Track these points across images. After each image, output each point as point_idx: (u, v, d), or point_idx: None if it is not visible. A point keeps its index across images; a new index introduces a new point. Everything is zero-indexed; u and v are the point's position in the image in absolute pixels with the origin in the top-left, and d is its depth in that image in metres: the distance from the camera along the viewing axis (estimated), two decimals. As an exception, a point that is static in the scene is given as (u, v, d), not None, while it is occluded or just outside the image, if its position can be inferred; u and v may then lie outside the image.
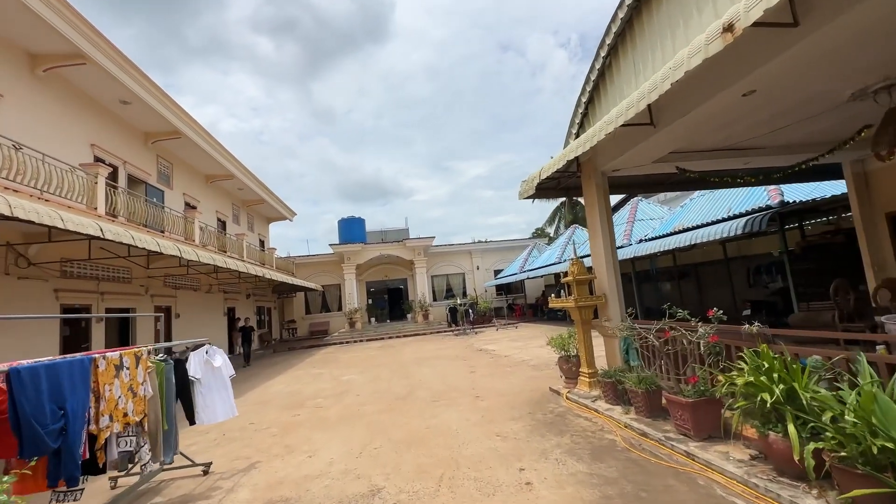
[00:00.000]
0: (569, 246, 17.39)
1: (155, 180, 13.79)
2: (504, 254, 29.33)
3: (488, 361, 10.61)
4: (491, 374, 8.77)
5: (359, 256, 24.57)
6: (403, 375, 9.71)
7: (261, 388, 9.91)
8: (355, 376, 10.34)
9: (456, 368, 9.98)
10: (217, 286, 17.24)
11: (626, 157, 5.81)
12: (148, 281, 12.72)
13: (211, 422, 4.58)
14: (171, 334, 13.83)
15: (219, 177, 17.51)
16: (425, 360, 12.03)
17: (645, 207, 15.42)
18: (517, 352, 11.74)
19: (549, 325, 18.66)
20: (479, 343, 14.91)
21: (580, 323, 6.18)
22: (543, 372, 8.53)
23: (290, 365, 14.15)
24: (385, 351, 15.45)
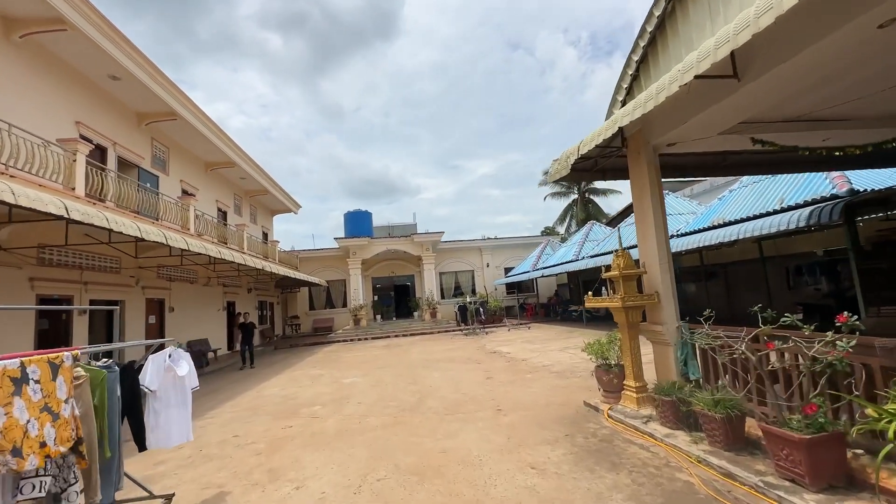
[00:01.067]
0: (607, 238, 16.31)
1: (149, 164, 12.94)
2: (515, 251, 28.27)
3: (504, 366, 9.61)
4: (510, 382, 7.77)
5: (365, 251, 23.66)
6: (411, 380, 8.75)
7: (254, 392, 9.01)
8: (358, 379, 9.39)
9: (469, 373, 9.00)
10: (216, 279, 16.42)
11: (687, 126, 4.77)
12: (139, 272, 11.88)
13: (161, 446, 3.63)
14: (165, 329, 13.01)
15: (219, 164, 16.66)
16: (435, 362, 11.06)
17: (672, 202, 14.29)
18: (535, 355, 10.72)
19: (563, 327, 17.62)
20: (492, 344, 13.92)
21: (626, 327, 5.16)
22: (570, 381, 7.51)
23: (289, 364, 13.26)
24: (391, 351, 14.51)
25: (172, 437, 3.65)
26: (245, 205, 20.73)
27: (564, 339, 13.44)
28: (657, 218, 5.22)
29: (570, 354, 10.35)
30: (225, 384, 10.37)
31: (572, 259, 17.73)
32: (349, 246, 23.34)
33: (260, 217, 22.86)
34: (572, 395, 6.45)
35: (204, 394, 9.20)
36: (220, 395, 8.91)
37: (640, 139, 5.33)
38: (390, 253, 25.26)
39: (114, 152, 11.34)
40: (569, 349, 11.23)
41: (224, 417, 6.88)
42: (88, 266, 9.98)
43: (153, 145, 13.21)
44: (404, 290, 27.96)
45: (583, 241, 18.74)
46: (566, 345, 12.19)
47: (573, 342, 12.58)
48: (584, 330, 15.63)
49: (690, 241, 10.55)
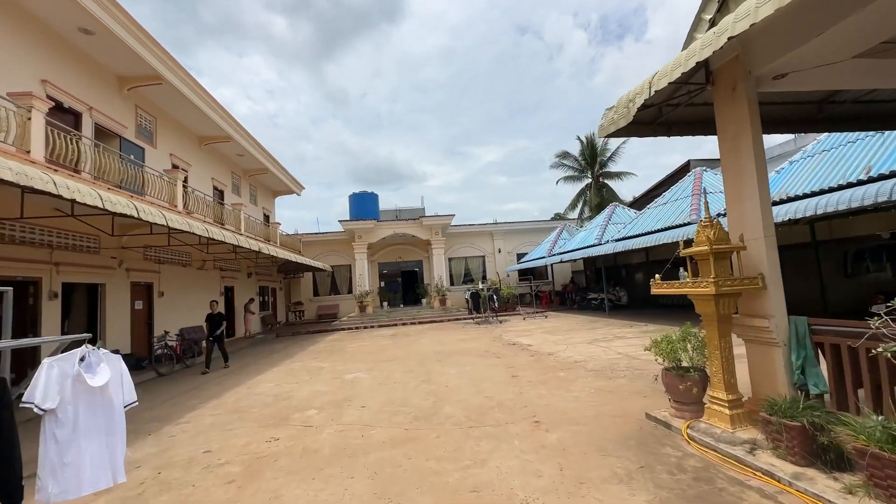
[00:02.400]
0: (635, 219, 14.92)
1: (133, 135, 11.73)
2: (528, 236, 26.92)
3: (529, 360, 8.41)
4: (541, 382, 6.55)
5: (371, 235, 22.46)
6: (423, 377, 7.58)
7: (245, 387, 7.90)
8: (362, 374, 8.25)
9: (490, 370, 7.80)
10: (212, 262, 15.33)
11: (812, 46, 3.41)
12: (122, 253, 10.78)
13: (70, 497, 2.44)
14: (153, 316, 11.96)
15: (214, 138, 15.42)
16: (448, 354, 9.89)
17: (713, 179, 12.84)
18: (561, 349, 9.50)
19: (583, 316, 16.36)
20: (509, 335, 12.72)
21: (715, 320, 3.88)
22: (614, 382, 6.28)
23: (289, 354, 12.19)
24: (399, 340, 13.38)
25: (85, 480, 2.47)
26: (244, 184, 19.54)
27: (589, 331, 12.19)
28: (760, 172, 3.88)
29: (603, 348, 9.11)
30: (214, 377, 9.30)
31: (594, 243, 16.38)
32: (354, 229, 22.15)
33: (261, 198, 21.70)
34: (625, 402, 5.22)
35: (188, 390, 8.13)
36: (205, 392, 7.82)
37: (737, 69, 3.96)
38: (398, 237, 24.04)
39: (90, 118, 10.13)
40: (599, 342, 9.98)
41: (202, 422, 5.76)
42: (60, 245, 8.87)
43: (137, 114, 11.98)
44: (412, 277, 26.81)
45: (605, 224, 17.35)
46: (592, 336, 10.95)
47: (600, 333, 11.33)
48: (608, 320, 14.38)
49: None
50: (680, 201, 12.66)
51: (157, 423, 5.92)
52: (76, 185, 5.94)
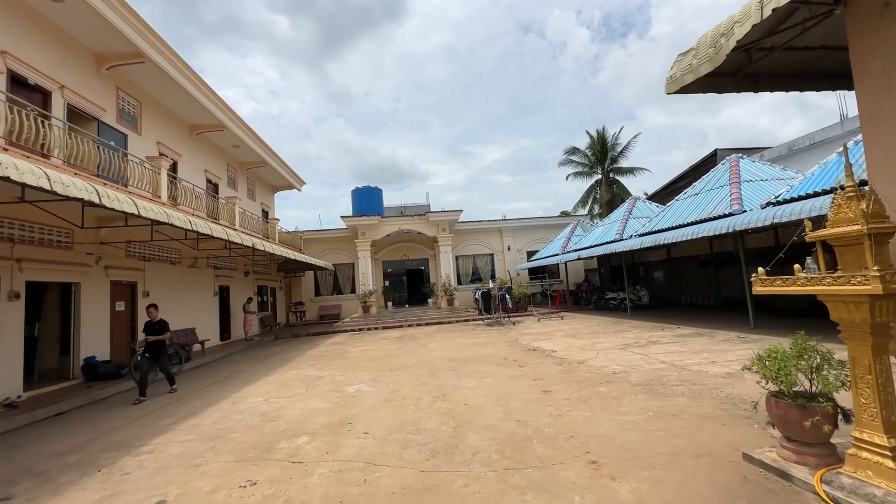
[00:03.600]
0: (663, 211, 13.73)
1: (113, 119, 10.68)
2: (538, 233, 25.77)
3: (557, 371, 7.27)
4: (581, 400, 5.42)
5: (375, 231, 21.36)
6: (437, 391, 6.46)
7: (228, 402, 6.82)
8: (365, 387, 7.15)
9: (514, 382, 6.68)
10: (205, 260, 14.29)
11: None
12: (100, 248, 9.73)
13: None
14: (136, 318, 10.92)
15: (206, 127, 14.37)
16: (462, 361, 8.77)
17: (751, 167, 11.65)
18: (590, 355, 8.36)
19: (603, 317, 15.18)
20: (526, 338, 11.58)
21: (868, 332, 2.72)
22: (671, 400, 5.13)
23: (285, 359, 11.11)
24: (406, 344, 12.28)
25: None
26: (241, 178, 18.50)
27: (615, 334, 11.03)
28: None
29: (640, 355, 7.96)
30: (198, 388, 8.23)
31: (615, 239, 15.20)
32: (358, 226, 21.06)
33: (259, 193, 20.66)
34: (702, 432, 4.07)
35: (167, 403, 7.05)
36: (184, 407, 6.74)
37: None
38: (403, 234, 22.94)
39: (61, 98, 9.08)
40: (632, 348, 8.83)
41: (168, 452, 4.67)
42: (24, 238, 7.83)
43: (119, 96, 10.93)
44: (418, 276, 25.72)
45: (626, 219, 16.17)
46: (622, 340, 9.79)
47: (629, 338, 10.17)
48: (633, 322, 13.20)
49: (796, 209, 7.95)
50: (715, 191, 11.47)
51: (115, 451, 4.84)
52: (25, 165, 4.87)
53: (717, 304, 15.64)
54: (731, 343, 8.50)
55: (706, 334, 9.77)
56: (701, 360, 7.20)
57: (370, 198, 23.52)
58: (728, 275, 15.48)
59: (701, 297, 16.96)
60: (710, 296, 16.39)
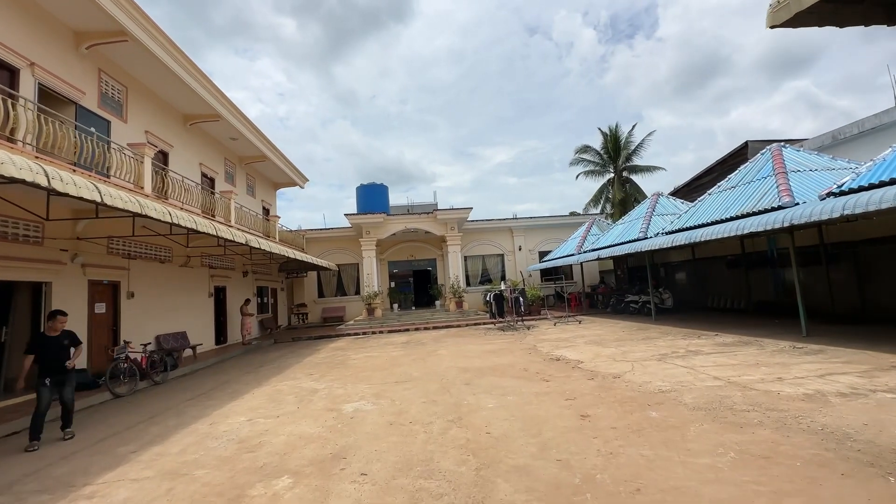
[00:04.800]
0: (695, 206, 12.59)
1: (94, 104, 9.79)
2: (551, 232, 24.65)
3: (591, 387, 6.19)
4: (632, 430, 4.33)
5: (380, 230, 20.37)
6: (451, 412, 5.42)
7: (206, 423, 5.82)
8: (367, 405, 6.12)
9: (543, 401, 5.61)
10: (199, 258, 13.39)
11: None
12: (76, 244, 8.83)
13: None
14: (119, 321, 10.00)
15: (200, 117, 13.48)
16: (477, 373, 7.71)
17: (796, 156, 10.48)
18: (624, 367, 7.26)
19: (625, 322, 14.03)
20: (545, 345, 10.49)
21: None
22: (751, 433, 4.03)
23: (281, 367, 10.13)
24: (413, 350, 11.24)
25: None
26: (240, 173, 17.61)
27: (644, 341, 9.91)
28: None
29: (685, 369, 6.84)
30: (177, 403, 7.25)
31: (639, 237, 14.06)
32: (362, 224, 20.09)
33: (260, 190, 19.77)
34: (820, 488, 2.98)
35: (136, 423, 6.08)
36: (154, 428, 5.76)
37: None
38: (409, 233, 21.95)
39: (31, 76, 8.18)
40: (671, 359, 7.71)
41: (111, 499, 3.67)
42: (-18, 232, 6.92)
43: (101, 79, 10.05)
44: (425, 277, 24.71)
45: (649, 216, 15.02)
46: (656, 350, 8.67)
47: (663, 346, 9.05)
48: (660, 327, 12.05)
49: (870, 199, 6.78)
50: (756, 184, 10.31)
51: (50, 494, 3.85)
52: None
53: (748, 309, 14.42)
54: (788, 354, 7.35)
55: (753, 343, 8.62)
56: (762, 376, 6.07)
57: (375, 195, 22.56)
58: (761, 276, 14.27)
59: (729, 300, 15.73)
60: (741, 299, 15.17)
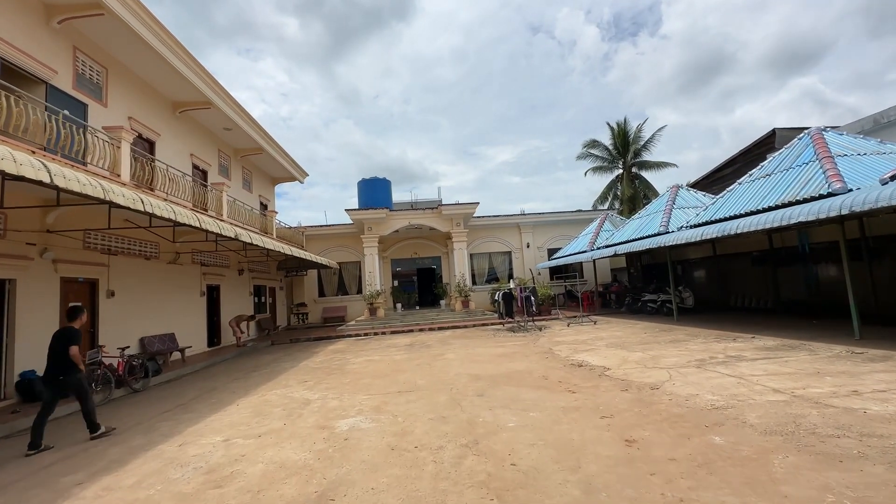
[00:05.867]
0: (725, 196, 11.61)
1: (68, 84, 8.95)
2: (560, 229, 23.69)
3: (627, 400, 5.27)
4: (696, 462, 3.42)
5: (383, 226, 19.49)
6: (464, 434, 4.51)
7: (174, 445, 4.94)
8: (364, 422, 5.22)
9: (573, 419, 4.70)
10: (189, 255, 12.56)
11: None
12: (47, 238, 7.99)
13: None
14: (98, 323, 9.16)
15: (191, 104, 12.64)
16: (491, 381, 6.80)
17: (840, 140, 9.50)
18: (660, 376, 6.33)
19: (644, 322, 13.08)
20: (562, 348, 9.57)
21: None
22: (855, 469, 3.10)
23: (273, 372, 9.27)
24: (417, 354, 10.35)
25: None
26: (235, 166, 16.78)
27: (672, 345, 8.97)
28: None
29: (732, 378, 5.89)
30: (150, 416, 6.39)
31: (660, 231, 13.10)
32: (364, 220, 19.21)
33: (257, 185, 18.94)
34: None
35: (91, 444, 5.18)
36: (115, 449, 4.90)
37: None
38: (413, 230, 21.07)
39: (-8, 50, 7.35)
40: (711, 365, 6.77)
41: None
42: (-73, 221, 6.08)
43: (77, 58, 9.21)
44: (429, 275, 23.83)
45: (669, 209, 14.05)
46: (689, 355, 7.72)
47: (696, 350, 8.11)
48: (686, 329, 11.09)
49: None
50: (797, 170, 9.34)
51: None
52: None
53: (776, 308, 13.43)
54: (849, 361, 6.39)
55: (800, 347, 7.67)
56: (832, 388, 5.13)
57: (378, 190, 21.68)
58: (791, 274, 13.28)
59: (755, 299, 14.75)
60: (767, 298, 14.18)
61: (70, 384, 5.24)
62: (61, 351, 5.21)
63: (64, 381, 5.20)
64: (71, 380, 5.23)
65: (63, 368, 5.20)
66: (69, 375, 5.23)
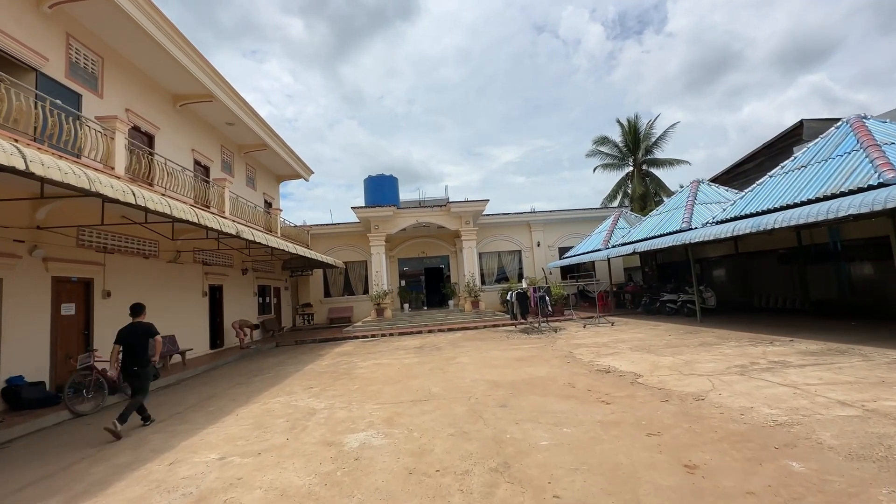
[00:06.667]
0: (755, 190, 10.92)
1: (61, 73, 8.49)
2: (571, 227, 23.03)
3: (671, 414, 4.67)
4: (783, 496, 2.82)
5: (390, 224, 18.96)
6: (492, 455, 3.94)
7: (163, 465, 4.41)
8: (376, 437, 4.67)
9: (614, 435, 4.10)
10: (190, 254, 12.09)
11: None
12: (36, 235, 7.52)
13: None
14: (92, 325, 8.69)
15: (191, 97, 12.17)
16: (512, 389, 6.21)
17: (884, 128, 8.82)
18: (701, 384, 5.71)
19: (667, 324, 12.40)
20: (582, 352, 8.96)
21: None
22: None
23: (277, 377, 8.75)
24: (428, 357, 9.79)
25: None
26: (238, 162, 16.30)
27: (703, 348, 8.34)
28: None
29: (785, 388, 5.27)
30: (142, 426, 5.86)
31: (682, 228, 12.44)
32: (371, 218, 18.69)
33: (261, 182, 18.47)
34: None
35: (74, 461, 4.66)
36: (97, 468, 4.38)
37: None
38: (420, 228, 20.54)
39: (-26, 33, 6.89)
40: (755, 372, 6.14)
41: None
42: None
43: (70, 45, 8.74)
44: (437, 275, 23.27)
45: (691, 205, 13.38)
46: (726, 360, 7.09)
47: (731, 355, 7.47)
48: (713, 331, 10.44)
49: None
50: (838, 160, 8.68)
51: None
52: None
53: (805, 309, 12.73)
54: None
55: (850, 352, 7.01)
56: (907, 400, 4.50)
57: (385, 187, 21.14)
58: (822, 272, 12.57)
59: (781, 299, 14.04)
60: (795, 298, 13.48)
61: (141, 375, 5.68)
62: (140, 344, 5.67)
63: (137, 373, 5.65)
64: (143, 371, 5.70)
65: (139, 361, 5.66)
66: (143, 367, 5.71)
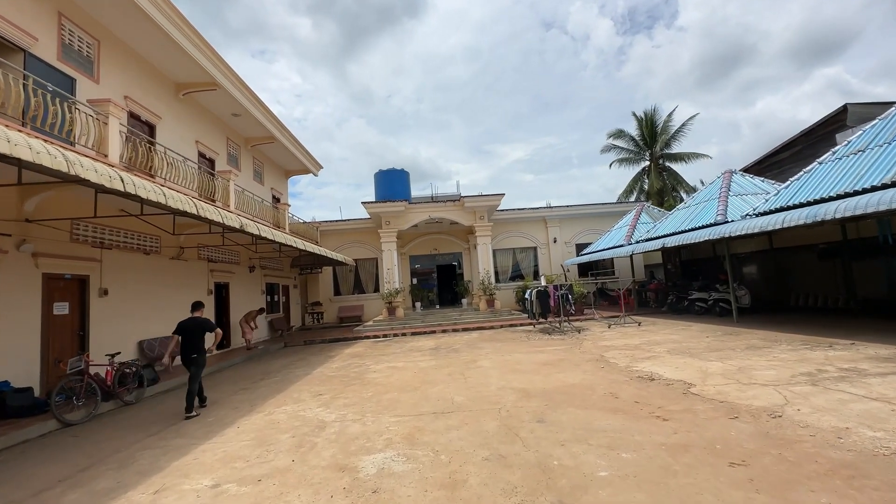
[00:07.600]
0: (801, 179, 9.98)
1: (53, 56, 7.91)
2: (589, 223, 22.14)
3: (749, 434, 3.89)
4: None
5: (401, 220, 18.27)
6: (545, 493, 3.20)
7: (150, 490, 3.76)
8: (396, 459, 3.96)
9: (690, 466, 3.35)
10: (195, 250, 11.53)
11: None
12: (25, 228, 6.95)
13: None
14: (89, 324, 8.13)
15: (195, 85, 11.58)
16: (546, 399, 5.47)
17: None
18: (771, 396, 4.91)
19: (697, 324, 11.51)
20: (614, 354, 8.17)
21: None
22: None
23: (285, 382, 8.12)
24: (445, 359, 9.08)
25: None
26: (245, 156, 15.73)
27: (751, 352, 7.50)
28: None
29: (882, 403, 4.44)
30: (133, 441, 5.24)
31: (717, 221, 11.53)
32: (381, 213, 18.01)
33: (269, 176, 17.90)
34: None
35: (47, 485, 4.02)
36: (70, 497, 3.74)
37: None
38: (433, 224, 19.83)
39: (-45, 8, 6.31)
40: (829, 382, 5.31)
41: None
42: None
43: (63, 26, 8.16)
44: (449, 272, 22.56)
45: (725, 196, 12.46)
46: (786, 367, 6.25)
47: (789, 361, 6.62)
48: (755, 332, 9.58)
49: None
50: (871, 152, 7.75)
51: None
52: None
53: (851, 308, 11.76)
54: None
55: (931, 358, 6.13)
56: None
57: (395, 181, 20.46)
58: (870, 269, 11.59)
59: (822, 297, 13.06)
60: (839, 296, 12.50)
61: (198, 362, 6.42)
62: (197, 335, 6.51)
63: (195, 360, 6.40)
64: (201, 359, 6.47)
65: (198, 349, 6.47)
66: (201, 355, 6.49)
